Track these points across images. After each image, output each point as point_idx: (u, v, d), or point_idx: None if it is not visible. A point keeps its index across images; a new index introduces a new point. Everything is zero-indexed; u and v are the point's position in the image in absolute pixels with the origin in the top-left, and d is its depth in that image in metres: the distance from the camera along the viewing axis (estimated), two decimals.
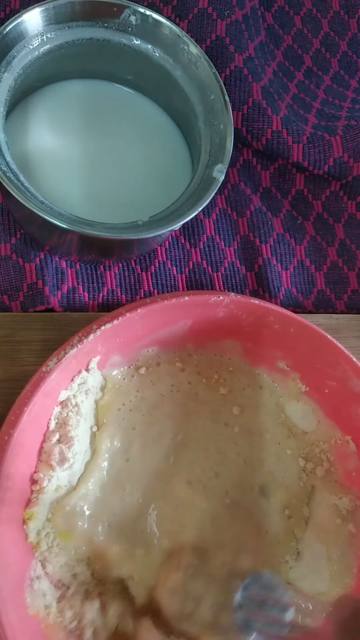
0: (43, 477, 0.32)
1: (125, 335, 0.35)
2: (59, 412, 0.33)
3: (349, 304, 0.46)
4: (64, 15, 0.36)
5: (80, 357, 0.33)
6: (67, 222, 0.33)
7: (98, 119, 0.41)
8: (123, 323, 0.33)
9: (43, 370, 0.32)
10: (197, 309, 0.36)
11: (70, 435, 0.33)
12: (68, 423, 0.33)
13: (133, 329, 0.35)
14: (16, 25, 0.35)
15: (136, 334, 0.35)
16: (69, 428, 0.33)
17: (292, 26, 0.53)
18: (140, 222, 0.35)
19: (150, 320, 0.35)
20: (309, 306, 0.45)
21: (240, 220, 0.45)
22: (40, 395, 0.31)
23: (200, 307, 0.36)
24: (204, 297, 0.36)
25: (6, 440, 0.30)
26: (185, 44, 0.38)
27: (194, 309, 0.36)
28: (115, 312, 0.35)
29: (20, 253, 0.40)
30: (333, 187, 0.48)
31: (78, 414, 0.34)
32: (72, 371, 0.34)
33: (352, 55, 0.54)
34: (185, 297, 0.35)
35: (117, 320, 0.33)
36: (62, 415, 0.33)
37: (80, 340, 0.32)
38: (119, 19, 0.38)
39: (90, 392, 0.35)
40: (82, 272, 0.41)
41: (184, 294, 0.35)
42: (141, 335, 0.36)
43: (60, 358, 0.32)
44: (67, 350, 0.32)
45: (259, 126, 0.45)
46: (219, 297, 0.35)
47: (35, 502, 0.31)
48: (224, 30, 0.45)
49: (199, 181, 0.37)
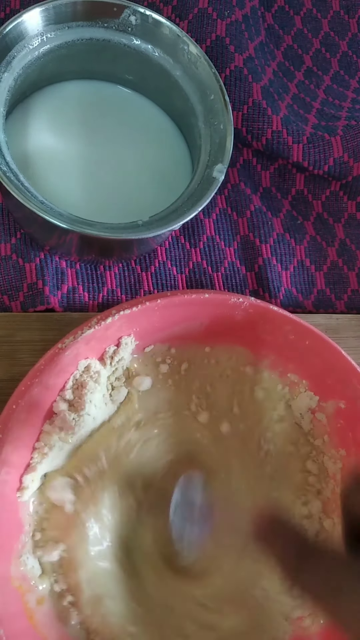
0: (44, 445, 0.32)
1: (142, 324, 0.35)
2: (71, 385, 0.34)
3: (349, 304, 0.46)
4: (64, 15, 0.36)
5: (94, 341, 0.34)
6: (67, 222, 0.33)
7: (98, 119, 0.41)
8: (142, 311, 0.34)
9: (58, 347, 0.32)
10: (216, 308, 0.36)
11: (82, 406, 0.33)
12: (82, 394, 0.33)
13: (151, 319, 0.35)
14: (16, 25, 0.35)
15: (153, 325, 0.35)
16: (83, 398, 0.33)
17: (292, 26, 0.53)
18: (140, 222, 0.35)
19: (169, 313, 0.35)
20: (308, 306, 0.45)
21: (240, 220, 0.45)
22: (53, 372, 0.32)
23: (219, 307, 0.36)
24: (225, 296, 0.36)
25: (13, 409, 0.31)
26: (185, 44, 0.38)
27: (213, 308, 0.36)
28: (135, 300, 0.35)
29: (20, 253, 0.40)
30: (333, 187, 0.48)
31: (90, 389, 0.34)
32: (82, 354, 0.34)
33: (352, 55, 0.54)
34: (206, 295, 0.35)
35: (136, 308, 0.33)
36: (78, 382, 0.34)
37: (98, 322, 0.33)
38: (119, 19, 0.38)
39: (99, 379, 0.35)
40: (82, 272, 0.41)
41: (205, 292, 0.35)
42: (157, 328, 0.36)
43: (77, 337, 0.32)
44: (84, 330, 0.32)
45: (259, 126, 0.45)
46: (239, 299, 0.35)
47: (32, 468, 0.32)
48: (224, 30, 0.45)
49: (199, 181, 0.37)
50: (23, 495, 0.32)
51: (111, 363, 0.35)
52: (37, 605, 0.31)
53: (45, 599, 0.32)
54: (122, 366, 0.36)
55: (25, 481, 0.32)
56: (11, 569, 0.31)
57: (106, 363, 0.35)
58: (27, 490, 0.32)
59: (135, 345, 0.36)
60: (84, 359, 0.34)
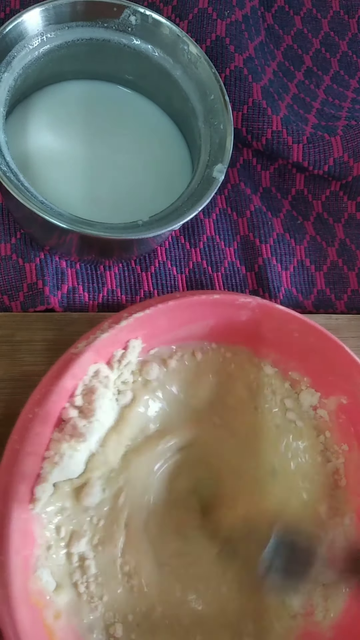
0: (54, 454, 0.31)
1: (150, 327, 0.35)
2: (82, 388, 0.33)
3: (349, 304, 0.46)
4: (64, 15, 0.36)
5: (104, 347, 0.33)
6: (67, 222, 0.33)
7: (98, 119, 0.41)
8: (153, 314, 0.33)
9: (72, 352, 0.32)
10: (224, 308, 0.36)
11: (92, 412, 0.32)
12: (92, 399, 0.33)
13: (159, 321, 0.35)
14: (16, 25, 0.35)
15: (160, 327, 0.35)
16: (93, 404, 0.33)
17: (292, 26, 0.53)
18: (140, 222, 0.35)
19: (178, 314, 0.35)
20: (309, 306, 0.45)
21: (240, 220, 0.45)
22: (67, 378, 0.31)
23: (227, 307, 0.36)
24: (233, 297, 0.36)
25: (30, 418, 0.30)
26: (185, 44, 0.38)
27: (221, 308, 0.36)
28: (146, 302, 0.35)
29: (20, 253, 0.40)
30: (333, 187, 0.48)
31: (104, 390, 0.34)
32: (92, 359, 0.33)
33: (352, 55, 0.54)
34: (216, 295, 0.35)
35: (148, 310, 0.33)
36: (87, 388, 0.33)
37: (110, 326, 0.32)
38: (119, 19, 0.38)
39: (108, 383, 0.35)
40: (82, 272, 0.41)
41: (214, 292, 0.35)
42: (164, 330, 0.36)
43: (90, 342, 0.32)
44: (97, 334, 0.32)
45: (259, 126, 0.45)
46: (247, 299, 0.36)
47: (44, 479, 0.31)
48: (224, 30, 0.45)
49: (199, 181, 0.37)
50: (35, 507, 0.31)
51: (118, 367, 0.34)
52: (55, 620, 0.31)
53: (62, 613, 0.31)
54: (129, 370, 0.35)
55: (37, 492, 0.30)
56: (29, 585, 0.30)
57: (113, 367, 0.34)
58: (39, 502, 0.31)
59: (142, 347, 0.35)
60: (94, 364, 0.33)
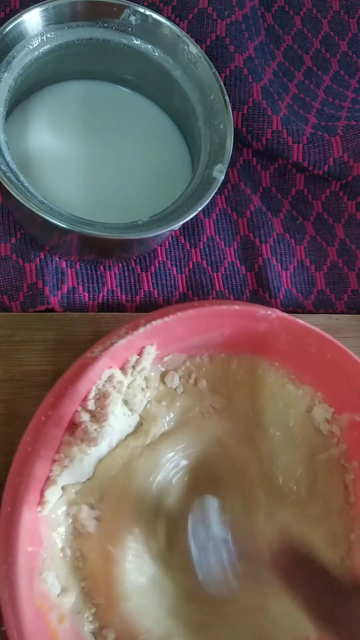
0: (64, 457, 0.32)
1: (165, 334, 0.34)
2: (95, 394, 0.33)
3: (349, 304, 0.46)
4: (64, 15, 0.36)
5: (119, 352, 0.33)
6: (67, 222, 0.33)
7: (98, 119, 0.41)
8: (171, 322, 0.33)
9: (88, 356, 0.32)
10: (243, 320, 0.36)
11: (104, 417, 0.32)
12: (105, 404, 0.33)
13: (175, 329, 0.34)
14: (16, 25, 0.35)
15: (176, 335, 0.35)
16: (105, 409, 0.33)
17: (292, 26, 0.53)
18: (140, 222, 0.35)
19: (194, 323, 0.35)
20: (309, 306, 0.45)
21: (240, 220, 0.45)
22: (82, 382, 0.31)
23: (246, 319, 0.36)
24: (253, 308, 0.35)
25: (43, 420, 0.30)
26: (185, 44, 0.38)
27: (240, 319, 0.36)
28: (164, 310, 0.35)
29: (20, 253, 0.40)
30: (333, 187, 0.48)
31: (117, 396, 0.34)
32: (107, 364, 0.33)
33: (352, 55, 0.54)
34: (236, 306, 0.35)
35: (167, 318, 0.33)
36: (100, 392, 0.33)
37: (128, 332, 0.32)
38: (119, 19, 0.38)
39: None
40: (82, 272, 0.41)
41: (235, 303, 0.35)
42: (179, 338, 0.36)
43: (107, 347, 0.32)
44: (114, 340, 0.32)
45: (259, 126, 0.45)
46: (267, 312, 0.35)
47: (53, 481, 0.31)
48: (224, 30, 0.45)
49: (199, 181, 0.37)
50: (44, 510, 0.31)
51: (132, 373, 0.34)
52: (59, 623, 0.30)
53: (66, 616, 0.31)
54: (142, 376, 0.35)
55: (47, 495, 0.31)
56: (34, 587, 0.30)
57: (127, 372, 0.34)
58: (48, 505, 0.31)
59: (156, 354, 0.35)
60: (108, 369, 0.33)
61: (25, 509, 0.30)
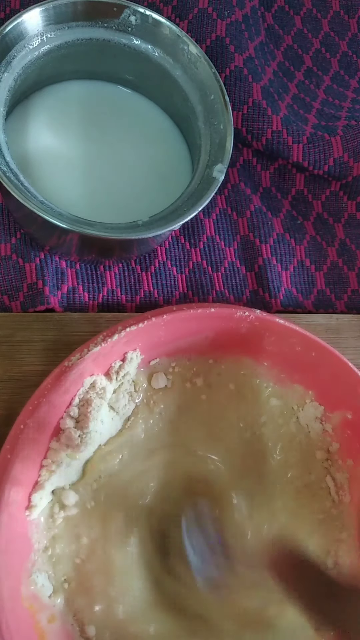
0: (51, 462, 0.32)
1: (147, 339, 0.35)
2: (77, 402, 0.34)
3: (349, 304, 0.46)
4: (64, 15, 0.36)
5: (100, 358, 0.34)
6: (67, 222, 0.33)
7: (98, 119, 0.41)
8: (148, 327, 0.34)
9: (65, 365, 0.32)
10: (222, 322, 0.36)
11: (87, 423, 0.33)
12: (88, 411, 0.33)
13: (156, 334, 0.35)
14: (16, 25, 0.35)
15: (159, 339, 0.35)
16: (88, 415, 0.33)
17: (292, 26, 0.53)
18: (140, 222, 0.35)
19: (174, 327, 0.35)
20: (309, 306, 0.45)
21: (240, 220, 0.45)
22: (60, 390, 0.32)
23: (225, 321, 0.36)
24: (230, 310, 0.35)
25: (21, 429, 0.31)
26: (185, 44, 0.38)
27: (219, 321, 0.36)
28: (141, 315, 0.35)
29: (20, 253, 0.40)
30: (333, 187, 0.48)
31: (98, 406, 0.34)
32: (88, 371, 0.34)
33: (352, 55, 0.54)
34: (212, 309, 0.35)
35: (142, 324, 0.33)
36: (83, 399, 0.34)
37: (104, 339, 0.33)
38: (119, 19, 0.38)
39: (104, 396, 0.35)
40: (82, 272, 0.41)
41: (211, 306, 0.35)
42: (163, 342, 0.36)
43: (83, 355, 0.32)
44: (90, 347, 0.32)
45: (259, 126, 0.45)
46: (245, 313, 0.35)
47: (41, 486, 0.32)
48: (224, 30, 0.45)
49: (199, 181, 0.37)
50: (32, 514, 0.31)
51: (117, 378, 0.35)
52: (49, 623, 0.31)
53: (57, 616, 0.31)
54: (128, 380, 0.35)
55: (34, 499, 0.31)
56: (22, 589, 0.30)
57: (112, 378, 0.35)
58: (36, 509, 0.31)
59: (141, 359, 0.36)
60: (90, 376, 0.34)
61: (5, 512, 0.30)
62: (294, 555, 0.25)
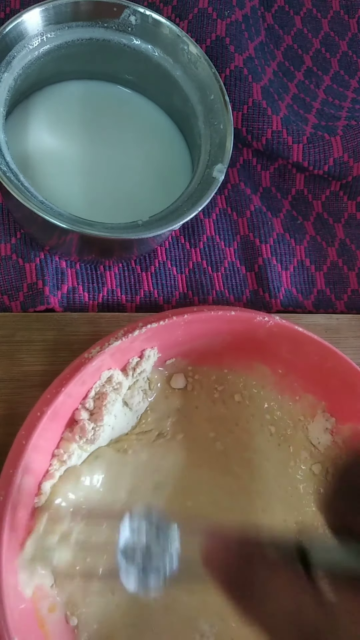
0: (63, 452, 0.32)
1: (165, 337, 0.35)
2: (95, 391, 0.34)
3: (349, 304, 0.46)
4: (64, 15, 0.36)
5: (118, 353, 0.34)
6: (67, 222, 0.33)
7: (98, 119, 0.41)
8: (168, 325, 0.34)
9: (84, 357, 0.32)
10: (241, 325, 0.36)
11: (101, 416, 0.33)
12: (102, 404, 0.33)
13: (175, 333, 0.35)
14: (16, 25, 0.35)
15: (176, 339, 0.35)
16: (102, 409, 0.33)
17: (292, 26, 0.53)
18: (140, 222, 0.35)
19: (193, 327, 0.35)
20: (309, 306, 0.45)
21: (240, 220, 0.45)
22: (78, 381, 0.32)
23: (244, 325, 0.36)
24: (250, 315, 0.35)
25: (38, 416, 0.31)
26: (185, 44, 0.38)
27: (238, 325, 0.36)
28: (162, 313, 0.35)
29: (20, 253, 0.40)
30: (333, 187, 0.48)
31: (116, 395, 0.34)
32: (106, 365, 0.34)
33: (352, 55, 0.54)
34: (232, 312, 0.35)
35: (163, 321, 0.33)
36: (99, 393, 0.34)
37: (125, 334, 0.33)
38: (119, 19, 0.38)
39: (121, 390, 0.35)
40: (82, 272, 0.41)
41: (232, 309, 0.35)
42: (180, 342, 0.36)
43: (104, 348, 0.32)
44: (111, 341, 0.33)
45: (259, 126, 0.45)
46: (264, 318, 0.35)
47: (51, 475, 0.32)
48: (224, 30, 0.45)
49: (199, 181, 0.37)
50: (41, 501, 0.31)
51: (133, 374, 0.35)
52: (49, 612, 0.31)
53: (57, 606, 0.31)
54: (144, 377, 0.36)
55: (44, 488, 0.31)
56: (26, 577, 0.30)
57: (128, 374, 0.35)
58: (44, 496, 0.31)
59: (158, 357, 0.36)
60: (107, 370, 0.34)
61: (16, 499, 0.30)
62: (222, 541, 0.23)
